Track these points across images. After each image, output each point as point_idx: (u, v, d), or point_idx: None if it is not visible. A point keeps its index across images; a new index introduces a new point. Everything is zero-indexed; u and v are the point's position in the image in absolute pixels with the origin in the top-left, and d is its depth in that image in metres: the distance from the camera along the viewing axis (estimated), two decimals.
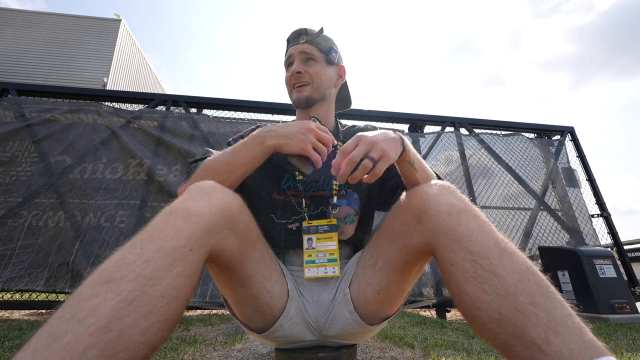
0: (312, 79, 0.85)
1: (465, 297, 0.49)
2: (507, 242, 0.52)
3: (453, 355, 1.23)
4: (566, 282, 2.37)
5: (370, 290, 0.68)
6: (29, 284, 2.01)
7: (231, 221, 0.56)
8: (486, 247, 0.50)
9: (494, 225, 0.55)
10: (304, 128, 0.68)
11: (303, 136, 0.67)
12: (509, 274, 0.46)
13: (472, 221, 0.53)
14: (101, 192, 2.38)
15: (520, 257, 0.49)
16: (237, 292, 0.66)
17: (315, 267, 0.74)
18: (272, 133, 0.69)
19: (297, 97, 0.86)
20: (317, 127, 0.69)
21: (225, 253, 0.56)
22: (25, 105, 2.65)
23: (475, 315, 0.47)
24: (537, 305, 0.43)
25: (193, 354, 1.22)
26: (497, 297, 0.45)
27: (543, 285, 0.46)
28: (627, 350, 1.32)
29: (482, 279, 0.47)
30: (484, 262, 0.48)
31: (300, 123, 0.70)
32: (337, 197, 0.82)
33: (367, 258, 0.71)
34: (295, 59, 0.86)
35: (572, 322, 0.42)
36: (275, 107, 3.01)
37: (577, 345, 0.39)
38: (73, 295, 0.41)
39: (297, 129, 0.68)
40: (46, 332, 0.37)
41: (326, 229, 0.77)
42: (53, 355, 0.35)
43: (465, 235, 0.52)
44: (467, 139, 3.22)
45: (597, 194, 3.20)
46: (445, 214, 0.55)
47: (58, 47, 9.58)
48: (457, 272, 0.50)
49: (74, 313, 0.38)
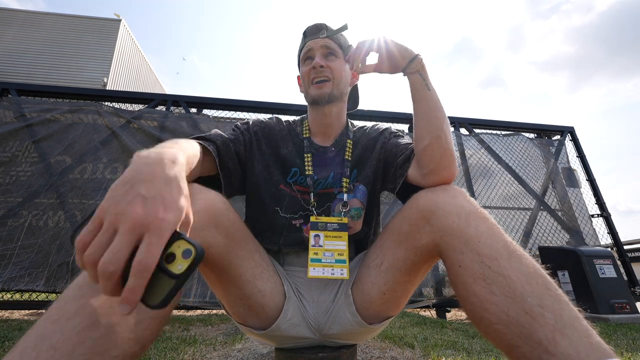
0: (334, 75, 0.81)
1: (472, 299, 0.49)
2: (516, 245, 0.52)
3: (453, 355, 1.23)
4: (566, 282, 2.37)
5: (375, 290, 0.67)
6: (29, 284, 2.01)
7: (215, 218, 0.56)
8: (495, 249, 0.50)
9: (502, 229, 0.55)
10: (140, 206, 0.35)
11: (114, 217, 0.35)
12: (517, 276, 0.47)
13: (481, 223, 0.54)
14: (101, 192, 2.37)
15: (528, 260, 0.50)
16: (229, 292, 0.65)
17: (320, 266, 0.70)
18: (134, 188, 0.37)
19: (318, 94, 0.80)
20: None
21: (211, 251, 0.56)
22: (25, 105, 2.65)
23: (483, 316, 0.47)
24: (545, 307, 0.43)
25: (193, 354, 1.22)
26: (505, 298, 0.46)
27: (551, 288, 0.46)
28: (627, 350, 1.32)
29: (490, 281, 0.48)
30: (492, 263, 0.49)
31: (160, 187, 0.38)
32: (346, 194, 0.80)
33: (372, 258, 0.70)
34: (316, 53, 0.82)
35: (580, 324, 0.42)
36: (275, 107, 3.01)
37: (584, 347, 0.39)
38: (60, 297, 0.41)
39: (131, 197, 0.36)
40: (34, 333, 0.37)
41: (336, 227, 0.75)
42: (41, 354, 0.35)
43: (474, 237, 0.52)
44: (467, 139, 3.22)
45: (597, 194, 3.20)
46: (454, 216, 0.55)
47: (58, 47, 9.59)
48: (465, 273, 0.50)
49: (61, 314, 0.39)
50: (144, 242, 0.33)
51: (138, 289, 0.32)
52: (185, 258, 0.35)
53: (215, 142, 0.72)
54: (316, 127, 0.87)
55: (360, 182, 0.82)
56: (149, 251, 0.33)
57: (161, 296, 0.34)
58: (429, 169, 0.65)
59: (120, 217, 0.34)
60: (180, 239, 0.36)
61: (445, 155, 0.64)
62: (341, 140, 0.87)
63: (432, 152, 0.65)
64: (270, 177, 0.81)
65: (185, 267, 0.34)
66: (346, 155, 0.84)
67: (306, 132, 0.87)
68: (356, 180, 0.82)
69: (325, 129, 0.87)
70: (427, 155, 0.65)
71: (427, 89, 0.67)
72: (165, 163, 0.40)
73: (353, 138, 0.88)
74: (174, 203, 0.37)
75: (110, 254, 0.32)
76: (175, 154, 0.44)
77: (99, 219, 0.35)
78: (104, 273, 0.32)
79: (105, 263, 0.32)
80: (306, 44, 0.84)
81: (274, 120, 0.91)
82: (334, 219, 0.76)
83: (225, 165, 0.74)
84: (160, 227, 0.34)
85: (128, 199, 0.35)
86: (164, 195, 0.37)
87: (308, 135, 0.87)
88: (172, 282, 0.34)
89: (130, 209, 0.34)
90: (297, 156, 0.84)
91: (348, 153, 0.84)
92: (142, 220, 0.34)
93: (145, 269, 0.32)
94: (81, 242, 0.34)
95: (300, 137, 0.87)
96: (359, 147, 0.86)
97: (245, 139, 0.82)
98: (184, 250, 0.35)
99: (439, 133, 0.64)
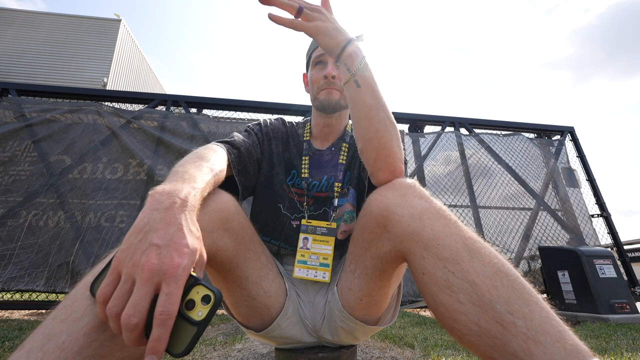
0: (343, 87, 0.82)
1: (440, 308, 0.47)
2: (476, 240, 0.49)
3: (453, 355, 1.23)
4: (566, 282, 2.37)
5: (352, 296, 0.67)
6: (29, 284, 2.01)
7: (226, 221, 0.56)
8: (455, 250, 0.48)
9: (460, 222, 0.52)
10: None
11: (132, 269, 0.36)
12: (482, 280, 0.45)
13: (436, 222, 0.51)
14: (101, 192, 2.38)
15: (491, 257, 0.47)
16: (234, 293, 0.66)
17: (305, 268, 0.73)
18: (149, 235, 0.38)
19: (327, 100, 0.80)
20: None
21: (220, 253, 0.56)
22: (25, 105, 2.65)
23: (454, 327, 0.46)
24: (515, 312, 0.41)
25: (193, 354, 1.23)
26: (474, 307, 0.44)
27: (517, 287, 0.44)
28: (627, 350, 1.32)
29: (455, 288, 0.46)
30: (455, 268, 0.46)
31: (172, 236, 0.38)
32: (338, 198, 0.81)
33: (347, 264, 0.69)
34: (329, 61, 0.80)
35: (552, 327, 0.40)
36: (275, 107, 3.01)
37: (559, 355, 0.38)
38: (68, 296, 0.41)
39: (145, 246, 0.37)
40: (41, 332, 0.37)
41: (324, 231, 0.76)
42: (47, 355, 0.35)
43: (432, 239, 0.49)
44: (467, 139, 3.22)
45: (597, 194, 3.20)
46: (407, 218, 0.52)
47: (58, 47, 9.59)
48: (430, 281, 0.48)
49: (69, 313, 0.39)
50: (163, 291, 0.34)
51: (163, 338, 0.33)
52: (205, 304, 0.35)
53: (239, 149, 0.75)
54: (318, 131, 0.89)
55: (351, 185, 0.83)
56: (169, 300, 0.34)
57: (185, 344, 0.34)
58: (369, 171, 0.64)
59: (136, 268, 0.35)
60: (198, 284, 0.36)
61: (380, 157, 0.61)
62: (338, 143, 0.88)
63: (366, 154, 0.63)
64: (276, 175, 0.83)
65: (205, 313, 0.35)
66: (341, 159, 0.85)
67: (307, 135, 0.89)
68: (349, 184, 0.83)
69: (327, 135, 0.89)
70: (364, 158, 0.64)
71: (356, 85, 0.60)
72: (175, 209, 0.41)
73: (349, 141, 0.89)
74: (187, 247, 0.38)
75: (131, 307, 0.33)
76: (187, 193, 0.44)
77: (116, 270, 0.36)
78: (127, 325, 0.33)
79: (128, 316, 0.33)
80: (318, 47, 0.83)
81: (279, 121, 0.92)
82: (323, 223, 0.77)
83: (247, 170, 0.76)
84: (177, 274, 0.35)
85: (142, 248, 0.36)
86: (176, 240, 0.37)
87: (309, 138, 0.89)
88: (193, 329, 0.34)
89: (145, 260, 0.35)
90: (296, 158, 0.85)
91: (343, 156, 0.85)
92: (158, 270, 0.35)
93: (168, 318, 0.33)
94: (102, 295, 0.35)
95: (301, 139, 0.89)
96: (352, 149, 0.87)
97: (260, 140, 0.84)
98: (203, 296, 0.36)
99: (370, 135, 0.61)
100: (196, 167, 0.53)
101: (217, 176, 0.57)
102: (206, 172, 0.54)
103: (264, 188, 0.82)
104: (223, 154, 0.66)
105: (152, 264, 0.35)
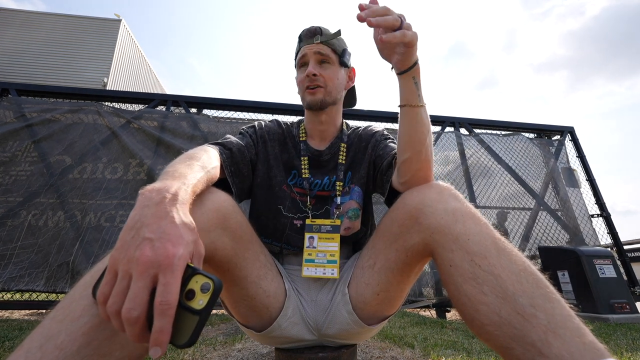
0: (326, 83, 0.81)
1: (464, 299, 0.49)
2: (505, 241, 0.52)
3: (453, 355, 1.23)
4: (566, 282, 2.37)
5: (369, 291, 0.67)
6: (29, 284, 2.01)
7: (224, 220, 0.56)
8: (484, 246, 0.50)
9: (491, 225, 0.55)
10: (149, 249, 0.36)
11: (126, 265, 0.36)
12: (507, 275, 0.46)
13: (468, 219, 0.53)
14: (101, 192, 2.37)
15: (518, 257, 0.49)
16: (233, 292, 0.66)
17: (313, 266, 0.74)
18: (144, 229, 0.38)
19: (311, 100, 0.82)
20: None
21: (218, 253, 0.56)
22: (25, 105, 2.65)
23: (475, 317, 0.47)
24: (537, 306, 0.43)
25: (193, 354, 1.22)
26: (497, 298, 0.45)
27: (542, 285, 0.46)
28: (627, 350, 1.32)
29: (480, 280, 0.47)
30: (482, 262, 0.48)
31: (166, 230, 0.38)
32: (340, 197, 0.82)
33: (365, 259, 0.70)
34: (310, 60, 0.82)
35: (572, 323, 0.42)
36: (275, 107, 3.01)
37: (577, 348, 0.39)
38: (66, 297, 0.41)
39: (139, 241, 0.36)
40: (39, 332, 0.37)
41: (329, 229, 0.77)
42: (46, 354, 0.35)
43: (463, 234, 0.51)
44: (467, 139, 3.22)
45: (597, 194, 3.20)
46: (442, 212, 0.55)
47: (58, 47, 9.59)
48: (456, 272, 0.50)
49: (67, 314, 0.39)
50: (160, 282, 0.34)
51: (166, 329, 0.33)
52: (205, 292, 0.35)
53: (231, 150, 0.75)
54: (312, 130, 0.89)
55: (355, 184, 0.84)
56: (167, 289, 0.33)
57: (188, 334, 0.34)
58: (405, 179, 0.66)
59: (131, 263, 0.35)
60: (196, 274, 0.36)
61: (423, 168, 0.64)
62: (335, 144, 0.88)
63: (411, 165, 0.64)
64: (274, 177, 0.83)
65: (206, 301, 0.35)
66: (340, 159, 0.86)
67: (302, 135, 0.89)
68: (351, 182, 0.84)
69: (321, 133, 0.89)
70: (406, 167, 0.65)
71: (419, 99, 0.61)
72: (166, 203, 0.40)
73: (347, 141, 0.89)
74: (181, 238, 0.37)
75: (130, 300, 0.33)
76: (177, 189, 0.44)
77: (113, 269, 0.36)
78: (128, 319, 0.33)
79: (128, 310, 0.33)
80: (301, 49, 0.85)
81: (274, 123, 0.92)
82: (327, 221, 0.78)
83: (241, 171, 0.77)
84: (172, 263, 0.35)
85: (136, 243, 0.36)
86: (169, 232, 0.37)
87: (304, 138, 0.89)
88: (195, 318, 0.34)
89: (139, 253, 0.35)
90: (296, 159, 0.86)
91: (342, 157, 0.86)
92: (152, 261, 0.34)
93: (168, 308, 0.33)
94: (102, 295, 0.35)
95: (297, 140, 0.89)
96: (353, 150, 0.88)
97: (254, 142, 0.85)
98: (202, 285, 0.35)
99: (420, 148, 0.62)
100: (186, 166, 0.53)
101: (209, 173, 0.57)
102: (197, 170, 0.54)
103: (263, 190, 0.82)
104: (215, 154, 0.67)
105: (147, 257, 0.34)
